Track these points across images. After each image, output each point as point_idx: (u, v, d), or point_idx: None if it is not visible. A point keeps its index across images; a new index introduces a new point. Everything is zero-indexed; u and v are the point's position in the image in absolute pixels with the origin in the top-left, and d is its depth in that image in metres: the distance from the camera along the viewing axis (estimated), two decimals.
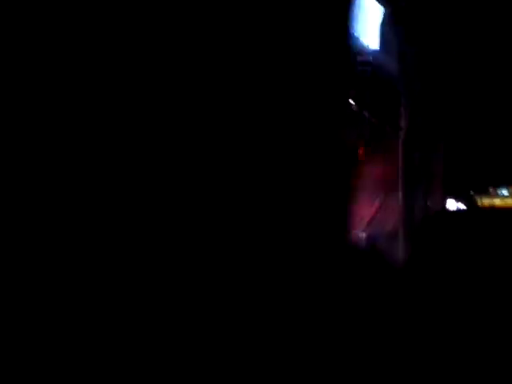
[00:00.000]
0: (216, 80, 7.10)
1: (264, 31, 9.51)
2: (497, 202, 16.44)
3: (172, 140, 6.28)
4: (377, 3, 11.91)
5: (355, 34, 11.54)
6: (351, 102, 12.35)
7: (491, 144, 14.72)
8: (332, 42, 9.80)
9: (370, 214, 13.41)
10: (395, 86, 13.26)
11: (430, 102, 13.67)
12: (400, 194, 13.84)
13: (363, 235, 13.00)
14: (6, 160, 5.33)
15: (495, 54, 13.69)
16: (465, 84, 13.84)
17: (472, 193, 16.17)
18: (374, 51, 12.06)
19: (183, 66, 6.48)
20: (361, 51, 11.88)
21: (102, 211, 5.68)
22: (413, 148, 13.83)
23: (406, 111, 13.64)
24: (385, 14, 12.07)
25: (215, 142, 6.77)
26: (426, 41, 12.90)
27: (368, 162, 13.45)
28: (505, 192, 16.70)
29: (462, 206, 15.71)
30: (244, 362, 5.19)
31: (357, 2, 11.25)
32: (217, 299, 6.01)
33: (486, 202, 16.20)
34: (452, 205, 15.39)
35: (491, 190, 16.54)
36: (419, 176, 13.95)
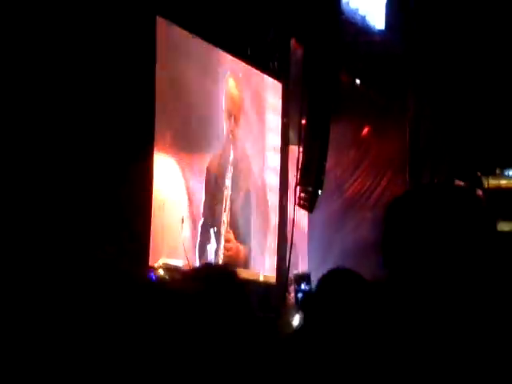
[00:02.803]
0: None
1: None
2: (503, 183, 16.41)
3: None
4: None
5: (361, 13, 11.52)
6: (357, 81, 12.36)
7: (498, 126, 14.66)
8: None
9: (377, 194, 13.43)
10: (402, 66, 13.23)
11: (437, 82, 13.64)
12: (407, 175, 13.83)
13: (369, 215, 13.03)
14: None
15: (505, 33, 13.61)
16: (474, 63, 13.77)
17: (479, 174, 16.14)
18: (381, 31, 12.04)
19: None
20: (367, 31, 11.87)
21: None
22: (419, 128, 13.80)
23: (413, 91, 13.60)
24: None
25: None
26: (433, 19, 12.84)
27: (374, 142, 13.47)
28: (511, 173, 16.66)
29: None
30: None
31: None
32: None
33: (492, 182, 16.17)
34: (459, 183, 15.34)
35: (498, 171, 16.50)
36: (426, 156, 13.92)
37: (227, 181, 9.40)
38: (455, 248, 1.39)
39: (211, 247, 9.05)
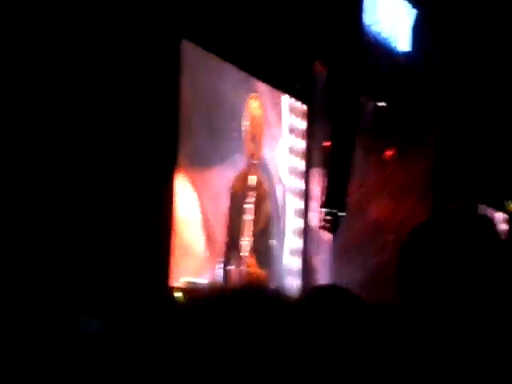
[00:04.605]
0: None
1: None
2: None
3: None
4: (409, 5, 11.89)
5: (385, 36, 11.53)
6: (381, 104, 12.34)
7: None
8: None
9: (400, 218, 13.37)
10: (427, 89, 13.22)
11: (462, 105, 13.60)
12: (431, 198, 13.78)
13: (392, 238, 12.97)
14: None
15: None
16: (499, 87, 13.73)
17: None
18: (405, 53, 12.04)
19: None
20: (391, 53, 11.87)
21: None
22: (444, 152, 13.76)
23: (438, 114, 13.58)
24: (417, 17, 12.05)
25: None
26: (458, 41, 12.84)
27: (398, 165, 13.43)
28: None
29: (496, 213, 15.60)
30: None
31: (386, 4, 11.25)
32: None
33: None
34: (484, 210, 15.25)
35: None
36: (450, 180, 13.88)
37: (248, 205, 9.39)
38: (472, 279, 1.39)
39: (234, 270, 9.05)
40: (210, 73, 8.73)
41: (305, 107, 10.62)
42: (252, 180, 9.49)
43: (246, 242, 9.27)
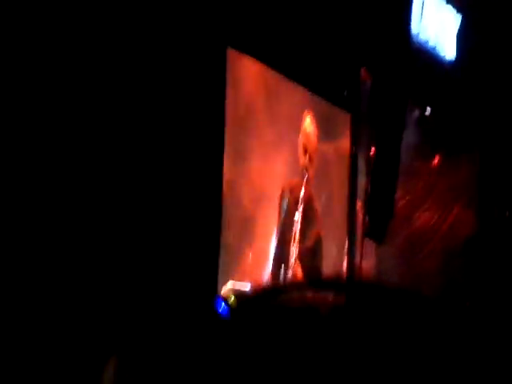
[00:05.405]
0: None
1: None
2: None
3: None
4: (454, 11, 11.78)
5: (432, 44, 11.44)
6: (427, 110, 12.25)
7: None
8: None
9: (447, 226, 13.24)
10: (473, 96, 13.10)
11: (507, 112, 13.43)
12: (477, 207, 13.63)
13: (438, 247, 12.85)
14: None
15: None
16: None
17: None
18: (452, 61, 11.94)
19: None
20: (438, 61, 11.77)
21: None
22: (491, 159, 13.61)
23: (485, 121, 13.44)
24: (462, 23, 11.94)
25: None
26: (506, 49, 12.69)
27: (444, 172, 13.30)
28: None
29: None
30: None
31: (432, 11, 11.15)
32: None
33: None
34: None
35: None
36: (498, 187, 13.71)
37: (297, 214, 9.27)
38: None
39: (281, 274, 9.00)
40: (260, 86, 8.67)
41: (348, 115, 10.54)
42: (303, 193, 9.35)
43: (293, 248, 9.19)
